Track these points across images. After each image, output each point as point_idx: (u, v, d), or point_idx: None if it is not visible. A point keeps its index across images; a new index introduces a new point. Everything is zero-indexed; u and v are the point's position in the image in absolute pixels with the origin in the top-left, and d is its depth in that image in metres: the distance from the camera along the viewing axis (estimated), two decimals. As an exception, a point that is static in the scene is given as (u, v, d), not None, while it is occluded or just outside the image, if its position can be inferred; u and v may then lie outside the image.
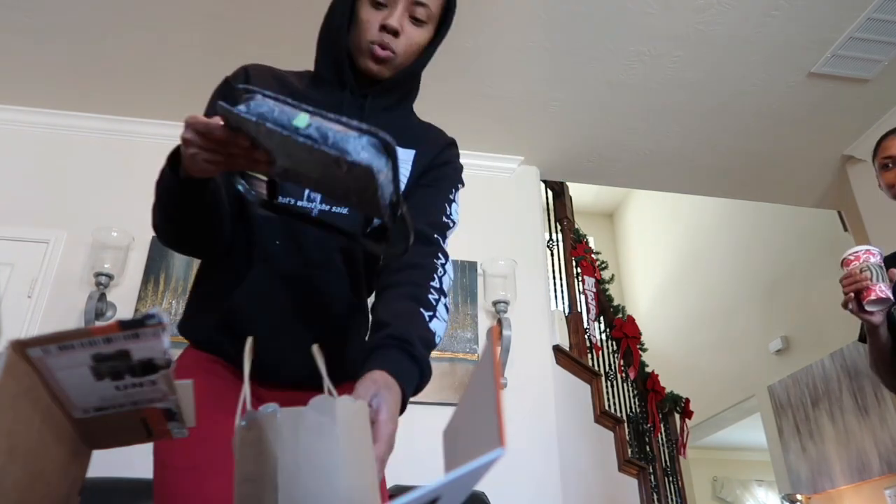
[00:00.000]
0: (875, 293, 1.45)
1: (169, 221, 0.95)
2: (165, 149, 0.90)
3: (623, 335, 4.16)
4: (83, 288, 2.89)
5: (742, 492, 7.53)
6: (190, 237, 0.97)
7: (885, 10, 2.70)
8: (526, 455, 2.82)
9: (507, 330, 3.03)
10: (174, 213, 0.93)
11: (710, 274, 6.35)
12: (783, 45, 2.89)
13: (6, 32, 2.83)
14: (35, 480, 0.54)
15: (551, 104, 3.24)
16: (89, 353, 0.52)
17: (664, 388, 4.52)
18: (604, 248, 7.40)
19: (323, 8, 1.13)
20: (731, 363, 5.84)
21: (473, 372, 0.61)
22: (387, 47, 1.00)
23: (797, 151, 3.57)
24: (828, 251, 4.60)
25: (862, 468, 4.31)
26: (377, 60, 1.01)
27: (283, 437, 0.56)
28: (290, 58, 2.92)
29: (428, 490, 0.40)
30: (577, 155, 3.64)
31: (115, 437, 0.64)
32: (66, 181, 3.17)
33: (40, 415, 0.55)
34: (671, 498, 4.40)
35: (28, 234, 3.01)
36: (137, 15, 2.74)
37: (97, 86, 3.13)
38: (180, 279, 2.98)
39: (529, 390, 3.01)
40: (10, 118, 3.25)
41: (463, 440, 0.60)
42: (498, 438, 0.44)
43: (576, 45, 2.89)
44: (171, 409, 0.61)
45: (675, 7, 2.69)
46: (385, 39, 0.99)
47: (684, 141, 3.51)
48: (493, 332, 0.56)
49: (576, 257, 3.88)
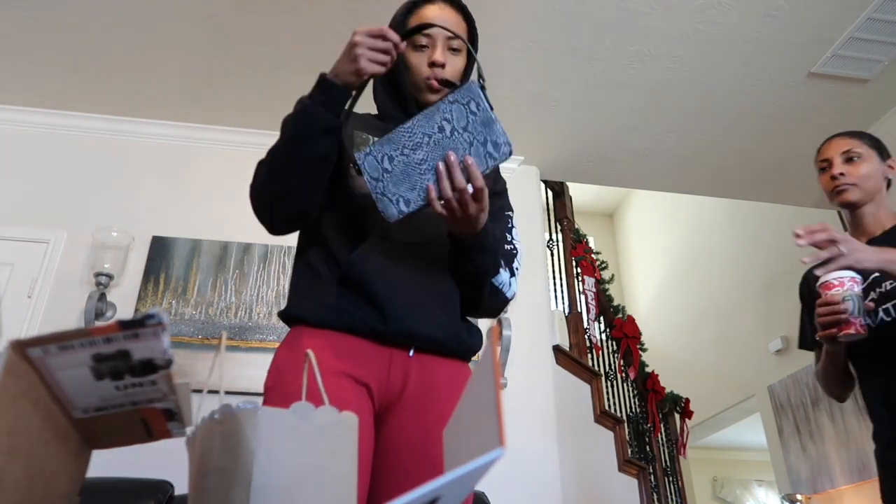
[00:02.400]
0: (855, 328, 1.37)
1: (289, 170, 1.08)
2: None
3: (623, 335, 4.16)
4: (83, 288, 2.89)
5: (742, 492, 7.53)
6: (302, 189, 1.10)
7: (885, 10, 2.70)
8: (526, 455, 2.82)
9: (507, 330, 3.03)
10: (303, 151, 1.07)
11: (710, 274, 6.35)
12: (783, 45, 2.89)
13: (6, 32, 2.83)
14: (35, 480, 0.54)
15: (551, 104, 3.24)
16: (89, 353, 0.52)
17: (664, 388, 4.52)
18: (604, 248, 7.41)
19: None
20: (731, 363, 5.84)
21: (473, 372, 0.61)
22: (438, 78, 1.21)
23: (797, 151, 3.57)
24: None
25: (862, 468, 4.30)
26: (433, 91, 1.20)
27: (262, 434, 0.57)
28: (290, 57, 2.93)
29: (428, 490, 0.40)
30: (577, 155, 3.64)
31: (115, 437, 0.64)
32: (66, 181, 3.17)
33: (40, 415, 0.55)
34: (671, 498, 4.40)
35: (28, 234, 3.01)
36: (137, 15, 2.74)
37: (97, 86, 3.13)
38: (180, 279, 2.98)
39: (529, 390, 3.01)
40: (10, 118, 3.25)
41: (463, 440, 0.60)
42: (498, 438, 0.44)
43: (576, 45, 2.89)
44: (171, 409, 0.61)
45: (675, 7, 2.69)
46: (436, 73, 1.19)
47: (684, 141, 3.51)
48: (493, 332, 0.56)
49: (576, 257, 3.88)
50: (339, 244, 1.13)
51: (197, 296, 2.96)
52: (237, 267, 3.05)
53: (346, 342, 1.07)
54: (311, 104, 1.07)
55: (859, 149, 1.63)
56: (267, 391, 1.07)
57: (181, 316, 2.91)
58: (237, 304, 2.98)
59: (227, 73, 3.06)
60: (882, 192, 1.63)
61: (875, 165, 1.62)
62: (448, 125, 0.98)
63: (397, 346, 1.10)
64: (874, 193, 1.61)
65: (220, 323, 2.92)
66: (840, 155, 1.64)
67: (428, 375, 1.11)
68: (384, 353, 1.09)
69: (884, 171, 1.64)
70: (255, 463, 0.56)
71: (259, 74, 3.05)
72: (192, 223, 3.12)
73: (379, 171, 1.00)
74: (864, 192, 1.60)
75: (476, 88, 0.99)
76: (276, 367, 1.09)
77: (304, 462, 0.57)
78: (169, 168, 3.26)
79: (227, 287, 3.01)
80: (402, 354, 1.11)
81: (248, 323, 2.94)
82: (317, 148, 1.07)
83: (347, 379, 1.04)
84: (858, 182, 1.60)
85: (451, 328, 1.16)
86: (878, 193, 1.62)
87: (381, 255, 1.12)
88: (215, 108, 3.25)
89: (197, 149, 3.35)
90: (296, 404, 0.60)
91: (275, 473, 0.56)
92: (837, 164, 1.63)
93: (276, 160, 1.10)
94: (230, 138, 3.39)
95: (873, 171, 1.61)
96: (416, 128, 0.99)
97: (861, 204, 1.61)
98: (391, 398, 1.09)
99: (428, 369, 1.12)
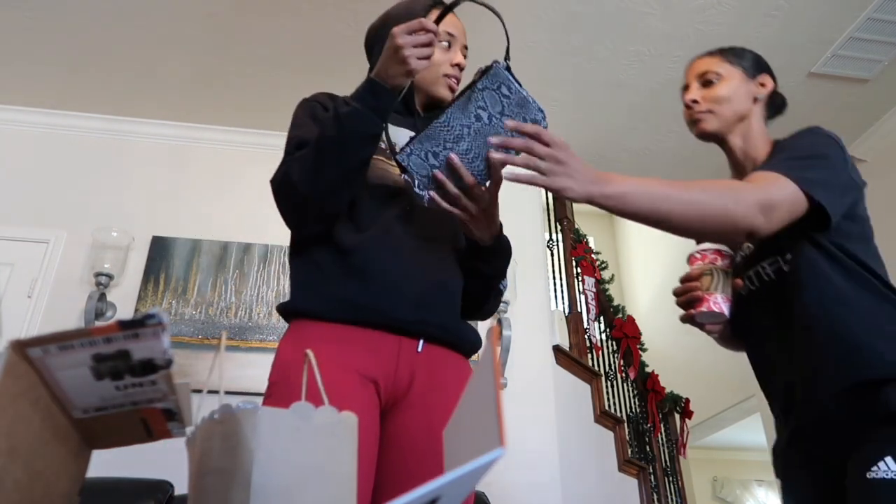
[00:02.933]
0: (708, 304, 1.18)
1: (333, 171, 1.07)
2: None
3: (623, 335, 4.15)
4: (83, 288, 2.89)
5: (742, 492, 7.53)
6: (344, 191, 1.10)
7: (885, 10, 2.70)
8: (526, 455, 2.82)
9: (507, 330, 3.03)
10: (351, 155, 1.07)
11: (710, 274, 6.34)
12: (783, 45, 2.89)
13: (6, 32, 2.83)
14: (35, 480, 0.54)
15: (551, 104, 3.24)
16: (89, 353, 0.52)
17: (664, 388, 4.52)
18: (604, 248, 7.40)
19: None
20: (731, 363, 5.81)
21: (473, 372, 0.61)
22: (458, 79, 1.29)
23: (797, 151, 3.57)
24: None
25: (862, 468, 4.30)
26: (451, 90, 1.27)
27: (262, 434, 0.57)
28: (290, 57, 2.93)
29: (428, 490, 0.40)
30: (577, 155, 3.63)
31: (115, 437, 0.64)
32: (66, 181, 3.17)
33: (40, 415, 0.55)
34: (671, 498, 4.40)
35: (28, 234, 3.01)
36: (137, 15, 2.74)
37: (97, 86, 3.13)
38: (180, 279, 2.98)
39: (529, 390, 3.01)
40: (10, 118, 3.25)
41: (463, 440, 0.60)
42: (498, 438, 0.44)
43: (576, 45, 2.89)
44: (171, 409, 0.61)
45: (675, 7, 2.69)
46: (458, 74, 1.28)
47: (684, 141, 3.51)
48: (493, 332, 0.56)
49: (576, 257, 3.88)
50: (348, 235, 1.13)
51: (197, 296, 2.96)
52: (237, 267, 3.05)
53: (354, 335, 1.07)
54: (362, 108, 1.05)
55: (718, 68, 1.36)
56: (271, 385, 1.07)
57: (181, 316, 2.91)
58: (237, 304, 2.98)
59: (227, 73, 3.06)
60: (752, 117, 1.33)
61: (736, 84, 1.33)
62: (484, 113, 0.99)
63: (407, 334, 1.10)
64: (737, 120, 1.32)
65: (220, 323, 2.92)
66: (696, 79, 1.39)
67: (435, 372, 1.12)
68: (393, 345, 1.09)
69: (751, 90, 1.34)
70: (254, 463, 0.56)
71: (259, 74, 3.05)
72: (192, 223, 3.12)
73: (427, 169, 1.00)
74: (723, 120, 1.32)
75: (502, 71, 1.00)
76: (280, 361, 1.08)
77: (304, 462, 0.57)
78: (169, 168, 3.26)
79: (227, 287, 3.01)
80: (410, 347, 1.10)
81: (248, 323, 2.94)
82: (365, 152, 1.08)
83: (353, 374, 1.04)
84: (714, 108, 1.32)
85: (457, 321, 1.18)
86: (746, 120, 1.32)
87: (390, 245, 1.12)
88: (215, 108, 3.25)
89: (197, 149, 3.35)
90: (296, 404, 0.60)
91: (275, 473, 0.56)
92: (693, 89, 1.38)
93: (320, 160, 1.07)
94: (230, 138, 3.39)
95: (733, 92, 1.32)
96: (452, 121, 0.99)
97: (723, 134, 1.33)
98: (398, 394, 1.09)
99: (435, 365, 1.12)
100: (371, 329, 1.08)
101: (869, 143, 3.49)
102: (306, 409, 0.59)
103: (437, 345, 1.14)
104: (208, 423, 0.60)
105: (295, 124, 1.19)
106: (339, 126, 1.06)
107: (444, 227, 1.20)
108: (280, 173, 1.11)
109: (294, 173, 1.08)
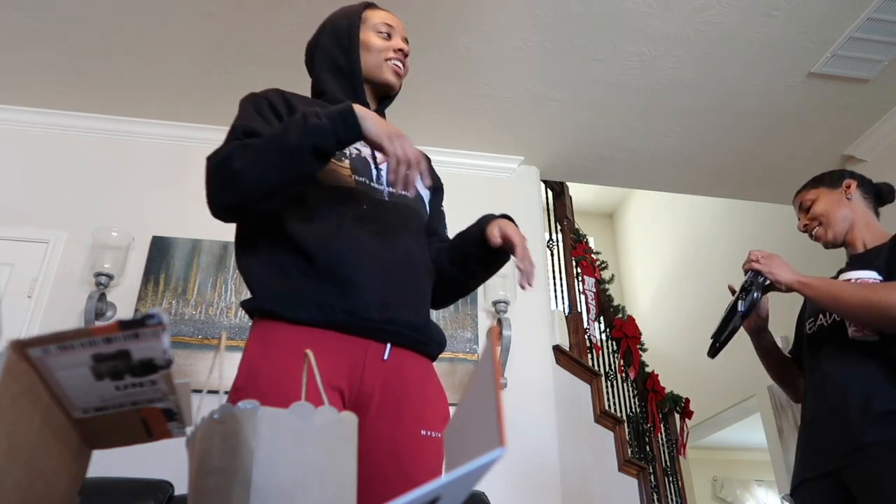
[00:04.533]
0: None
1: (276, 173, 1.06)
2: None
3: (623, 335, 4.15)
4: (83, 288, 2.89)
5: (742, 492, 7.53)
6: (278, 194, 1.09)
7: (885, 10, 2.70)
8: (526, 455, 2.82)
9: (507, 330, 3.03)
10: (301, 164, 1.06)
11: (710, 274, 6.34)
12: (783, 45, 2.89)
13: (6, 32, 2.83)
14: (35, 480, 0.54)
15: (551, 104, 3.24)
16: (89, 353, 0.52)
17: (664, 388, 4.52)
18: (604, 248, 7.40)
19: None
20: (731, 363, 5.80)
21: (473, 372, 0.61)
22: (405, 65, 1.34)
23: (797, 151, 3.57)
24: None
25: (862, 468, 4.30)
26: (398, 76, 1.33)
27: (262, 434, 0.57)
28: (290, 57, 2.93)
29: (428, 490, 0.40)
30: (576, 155, 3.64)
31: (115, 437, 0.64)
32: (66, 181, 3.17)
33: (40, 415, 0.55)
34: (671, 498, 4.40)
35: (28, 234, 3.01)
36: (137, 15, 2.74)
37: (97, 86, 3.13)
38: (180, 279, 2.98)
39: (529, 390, 3.01)
40: (10, 118, 3.25)
41: (463, 440, 0.60)
42: (498, 438, 0.44)
43: (576, 45, 2.89)
44: (171, 409, 0.61)
45: (675, 7, 2.69)
46: (402, 59, 1.33)
47: (684, 141, 3.51)
48: (493, 332, 0.56)
49: (576, 257, 3.88)
50: (308, 237, 1.11)
51: (197, 296, 2.96)
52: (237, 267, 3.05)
53: (321, 339, 1.05)
54: (330, 130, 1.04)
55: (808, 195, 1.72)
56: (236, 391, 1.03)
57: (181, 316, 2.91)
58: (237, 304, 2.98)
59: (227, 73, 3.06)
60: (858, 216, 1.66)
61: (827, 198, 1.68)
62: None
63: (375, 337, 1.10)
64: (845, 222, 1.66)
65: (220, 323, 2.92)
66: (799, 211, 1.76)
67: (400, 380, 1.11)
68: (360, 349, 1.08)
69: (840, 197, 1.67)
70: (254, 463, 0.56)
71: (259, 74, 3.04)
72: (192, 223, 3.12)
73: None
74: (834, 227, 1.66)
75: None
76: (247, 365, 1.05)
77: (304, 462, 0.57)
78: (169, 168, 3.26)
79: (227, 287, 3.01)
80: (376, 354, 1.10)
81: (247, 323, 2.94)
82: (314, 166, 1.07)
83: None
84: (821, 222, 1.68)
85: (425, 319, 1.19)
86: (853, 220, 1.65)
87: (356, 245, 1.12)
88: (215, 108, 3.25)
89: (197, 149, 3.35)
90: (296, 404, 0.60)
91: (275, 473, 0.56)
92: (801, 219, 1.75)
93: (270, 156, 1.06)
94: (230, 138, 3.38)
95: (829, 205, 1.67)
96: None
97: (841, 237, 1.66)
98: (362, 401, 1.08)
99: (400, 373, 1.12)
100: (338, 332, 1.07)
101: (869, 143, 3.49)
102: (306, 409, 0.59)
103: (404, 347, 1.14)
104: (208, 423, 0.60)
105: (242, 115, 1.20)
106: (304, 132, 1.04)
107: (406, 225, 1.21)
108: (222, 155, 1.09)
109: (238, 160, 1.06)
